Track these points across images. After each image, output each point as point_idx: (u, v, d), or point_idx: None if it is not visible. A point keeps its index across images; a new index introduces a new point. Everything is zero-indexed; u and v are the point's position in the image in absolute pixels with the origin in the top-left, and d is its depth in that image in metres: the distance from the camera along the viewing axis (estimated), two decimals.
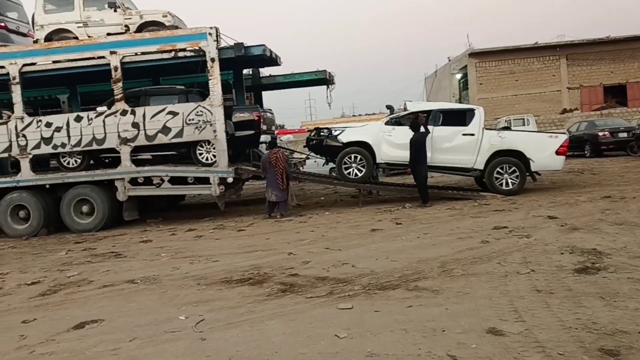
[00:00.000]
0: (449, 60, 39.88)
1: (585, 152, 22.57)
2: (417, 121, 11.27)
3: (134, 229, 11.39)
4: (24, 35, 12.86)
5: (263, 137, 13.41)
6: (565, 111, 33.11)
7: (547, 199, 10.98)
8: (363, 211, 11.32)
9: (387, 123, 12.07)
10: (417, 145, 11.12)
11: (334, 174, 18.99)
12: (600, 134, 21.58)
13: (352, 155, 11.84)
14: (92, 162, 12.35)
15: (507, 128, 19.37)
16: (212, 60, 11.29)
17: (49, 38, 11.97)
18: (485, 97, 34.72)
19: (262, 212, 11.74)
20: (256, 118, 12.10)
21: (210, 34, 11.25)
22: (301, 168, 15.68)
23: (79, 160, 11.84)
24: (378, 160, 11.93)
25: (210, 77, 11.37)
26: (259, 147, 13.89)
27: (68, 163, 11.84)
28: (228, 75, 13.78)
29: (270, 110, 14.51)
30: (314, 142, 12.66)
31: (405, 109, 12.29)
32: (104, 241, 10.20)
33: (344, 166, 11.87)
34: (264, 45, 12.04)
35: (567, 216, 8.77)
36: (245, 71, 14.96)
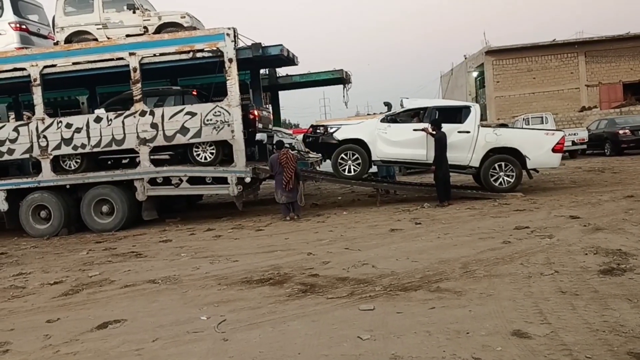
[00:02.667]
0: (465, 58, 39.62)
1: (606, 150, 22.27)
2: (438, 120, 11.23)
3: (153, 228, 11.47)
4: (44, 37, 12.99)
5: (259, 136, 13.47)
6: (584, 109, 32.70)
7: (569, 198, 10.83)
8: (381, 211, 11.27)
9: (382, 120, 12.05)
10: (442, 144, 11.06)
11: None
12: (621, 131, 21.25)
13: (348, 153, 11.85)
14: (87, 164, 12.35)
15: (504, 125, 19.18)
16: (230, 60, 11.31)
17: (69, 40, 12.11)
18: (502, 95, 34.44)
19: (279, 212, 11.74)
20: (252, 116, 12.10)
21: (228, 34, 11.28)
22: (318, 167, 15.66)
23: (78, 163, 11.98)
24: (373, 158, 11.91)
25: (227, 78, 11.39)
26: (255, 146, 13.83)
27: (68, 166, 11.98)
28: (245, 75, 13.81)
29: (267, 108, 14.52)
30: (311, 139, 12.65)
31: (401, 106, 12.27)
32: (124, 241, 10.29)
33: (339, 163, 11.88)
34: (281, 45, 12.05)
35: (590, 216, 8.65)
36: (262, 71, 14.99)
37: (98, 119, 11.60)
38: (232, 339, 4.50)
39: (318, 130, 12.52)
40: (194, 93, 12.44)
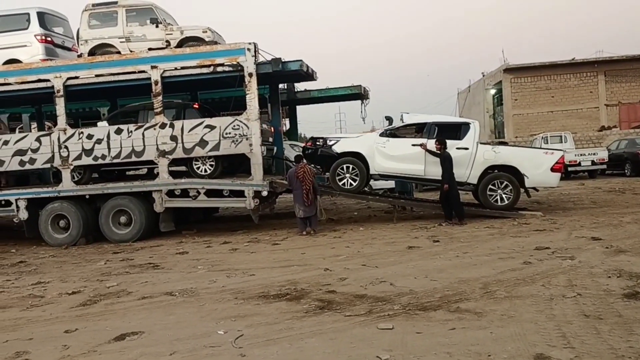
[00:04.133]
0: (483, 76, 39.50)
1: (626, 170, 21.97)
2: (444, 139, 11.23)
3: (169, 240, 11.51)
4: (68, 49, 13.22)
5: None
6: (603, 128, 32.33)
7: (589, 219, 10.68)
8: (398, 227, 11.20)
9: (382, 134, 12.07)
10: (450, 162, 11.06)
11: (365, 189, 18.98)
12: None
13: (346, 166, 11.86)
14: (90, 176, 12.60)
15: (504, 143, 19.01)
16: (250, 75, 11.40)
17: (92, 52, 12.30)
18: (520, 113, 34.23)
19: (295, 226, 11.72)
20: None
21: (248, 49, 11.38)
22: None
23: (80, 174, 12.12)
24: (371, 172, 11.92)
25: (247, 92, 11.47)
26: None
27: (73, 177, 12.08)
28: (264, 89, 13.91)
29: (268, 122, 14.56)
30: (310, 151, 12.66)
31: (402, 121, 12.27)
32: (141, 252, 10.33)
33: (337, 176, 11.87)
34: (301, 60, 12.13)
35: (612, 238, 8.51)
36: (280, 85, 15.07)
37: (119, 131, 11.72)
38: (250, 354, 4.47)
39: (317, 143, 12.56)
40: (196, 106, 12.55)
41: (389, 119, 12.83)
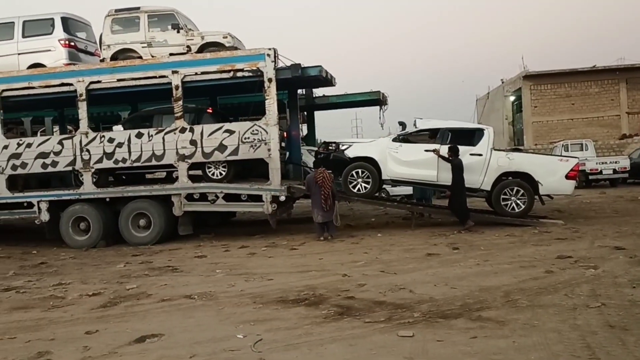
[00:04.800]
0: (502, 82, 39.20)
1: None
2: (456, 146, 11.17)
3: (188, 243, 11.57)
4: (91, 54, 13.40)
5: None
6: (624, 136, 31.86)
7: (612, 228, 10.51)
8: (416, 234, 11.13)
9: (394, 140, 12.03)
10: (461, 170, 11.02)
11: (383, 195, 18.91)
12: None
13: (358, 171, 11.82)
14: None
15: (518, 150, 18.80)
16: (270, 80, 11.44)
17: (114, 57, 12.46)
18: (539, 120, 33.89)
19: (312, 231, 11.70)
20: None
21: (268, 54, 11.43)
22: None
23: (95, 177, 12.23)
24: (384, 177, 11.88)
25: (266, 97, 11.51)
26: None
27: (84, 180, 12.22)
28: (283, 94, 13.95)
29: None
30: (322, 155, 12.66)
31: (415, 126, 12.24)
32: (160, 255, 10.39)
33: (349, 181, 11.84)
34: (320, 66, 12.14)
35: (636, 247, 8.36)
36: (299, 91, 15.10)
37: (140, 135, 11.83)
38: (270, 359, 4.46)
39: (330, 147, 12.54)
40: (209, 111, 12.61)
41: (402, 124, 12.81)
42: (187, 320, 5.77)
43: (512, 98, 37.43)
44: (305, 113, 17.56)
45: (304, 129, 18.51)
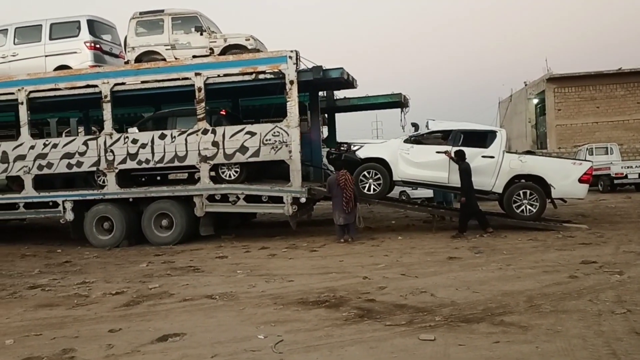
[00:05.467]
0: (525, 85, 38.75)
1: None
2: (462, 150, 11.10)
3: (209, 244, 11.66)
4: (115, 56, 13.59)
5: None
6: None
7: (638, 233, 10.31)
8: (437, 237, 11.05)
9: (406, 141, 11.98)
10: (468, 174, 10.95)
11: (403, 197, 18.82)
12: None
13: (369, 171, 11.80)
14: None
15: (531, 152, 18.52)
16: (291, 82, 11.47)
17: (139, 59, 12.62)
18: (563, 123, 33.42)
19: (332, 233, 11.70)
20: None
21: (290, 57, 11.47)
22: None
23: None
24: (395, 178, 11.83)
25: (288, 99, 11.55)
26: None
27: (102, 181, 12.43)
28: (304, 97, 13.98)
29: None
30: (334, 156, 12.66)
31: (427, 128, 12.18)
32: (182, 255, 10.49)
33: (360, 181, 11.83)
34: (342, 68, 12.14)
35: None
36: (320, 93, 15.11)
37: (163, 136, 11.97)
38: None
39: (342, 148, 12.51)
40: (223, 113, 12.67)
41: (415, 126, 12.78)
42: (209, 320, 5.82)
43: (535, 101, 36.99)
44: (326, 115, 17.56)
45: (325, 131, 18.52)
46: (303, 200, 11.65)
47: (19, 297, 7.45)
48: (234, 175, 11.99)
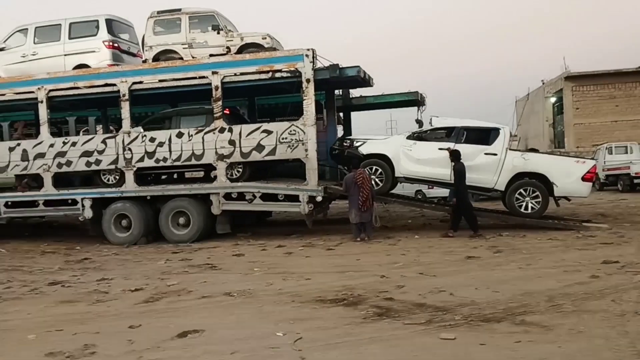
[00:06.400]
0: (543, 83, 38.35)
1: None
2: (458, 151, 11.07)
3: (225, 242, 11.70)
4: (133, 55, 13.68)
5: None
6: None
7: None
8: (455, 236, 10.96)
9: (409, 137, 11.97)
10: (462, 174, 10.93)
11: (419, 197, 18.74)
12: None
13: (371, 167, 11.78)
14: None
15: (535, 150, 18.34)
16: (308, 81, 11.47)
17: (156, 58, 12.71)
18: (581, 122, 33.03)
19: (349, 232, 11.67)
20: None
21: (307, 55, 11.46)
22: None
23: (117, 177, 12.58)
24: (397, 174, 11.83)
25: (304, 98, 11.54)
26: None
27: (108, 180, 12.59)
28: (320, 95, 13.96)
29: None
30: (336, 151, 12.64)
31: (430, 124, 12.16)
32: (199, 253, 10.54)
33: None
34: (358, 66, 12.11)
35: None
36: (336, 91, 15.09)
37: (180, 134, 12.03)
38: (310, 358, 4.47)
39: (345, 143, 12.49)
40: (227, 112, 12.66)
41: (420, 122, 12.73)
42: (228, 317, 5.84)
43: (553, 99, 36.60)
44: (342, 114, 17.53)
45: (341, 130, 18.48)
46: (319, 198, 11.64)
47: (40, 293, 7.53)
48: (237, 175, 12.04)
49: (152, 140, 12.20)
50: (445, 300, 6.03)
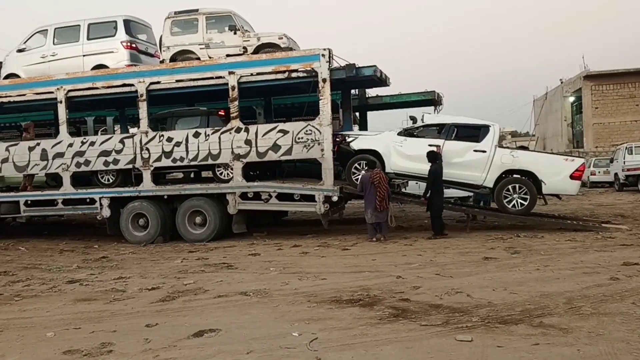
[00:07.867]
0: (561, 83, 37.92)
1: None
2: (436, 152, 11.08)
3: (241, 241, 11.75)
4: (151, 55, 13.80)
5: None
6: None
7: None
8: (471, 237, 10.88)
9: (399, 133, 11.98)
10: (435, 176, 11.00)
11: None
12: None
13: (361, 162, 11.78)
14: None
15: (524, 148, 18.11)
16: (324, 80, 11.46)
17: (173, 58, 12.80)
18: (600, 122, 32.60)
19: (364, 232, 11.64)
20: None
21: (323, 55, 11.45)
22: (403, 189, 15.43)
23: (113, 178, 12.83)
24: (387, 170, 11.78)
25: (320, 97, 11.53)
26: None
27: (106, 180, 12.85)
28: (336, 95, 13.95)
29: None
30: None
31: (422, 121, 12.16)
32: (215, 252, 10.60)
33: (353, 172, 11.83)
34: (375, 66, 12.07)
35: None
36: (352, 91, 15.06)
37: (197, 134, 12.10)
38: (325, 358, 4.46)
39: (337, 139, 12.48)
40: (221, 113, 12.68)
41: (413, 119, 12.69)
42: (243, 316, 5.85)
43: (571, 99, 36.18)
44: (358, 113, 17.50)
45: (357, 130, 18.45)
46: (335, 198, 11.63)
47: (58, 291, 7.63)
48: (230, 175, 12.13)
49: (170, 140, 12.29)
50: (462, 301, 5.98)
